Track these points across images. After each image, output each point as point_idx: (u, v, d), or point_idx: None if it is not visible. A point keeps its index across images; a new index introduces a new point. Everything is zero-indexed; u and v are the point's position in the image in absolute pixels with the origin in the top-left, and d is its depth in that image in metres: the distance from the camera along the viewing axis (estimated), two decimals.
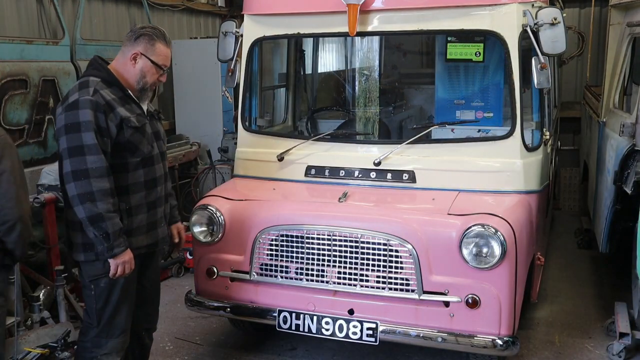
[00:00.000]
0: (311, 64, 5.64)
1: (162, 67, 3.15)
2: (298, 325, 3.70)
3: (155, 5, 7.08)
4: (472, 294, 3.40)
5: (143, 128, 3.08)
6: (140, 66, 3.06)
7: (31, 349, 4.16)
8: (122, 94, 3.04)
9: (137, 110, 3.10)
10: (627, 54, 4.97)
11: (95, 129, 2.87)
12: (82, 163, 2.85)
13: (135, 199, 3.07)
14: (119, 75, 3.07)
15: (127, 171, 3.04)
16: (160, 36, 3.10)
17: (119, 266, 2.96)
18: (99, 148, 2.87)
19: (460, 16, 3.88)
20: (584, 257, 6.23)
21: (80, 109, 2.87)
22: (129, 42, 3.08)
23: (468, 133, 4.44)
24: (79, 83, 3.02)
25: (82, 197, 2.85)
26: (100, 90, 2.95)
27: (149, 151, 3.12)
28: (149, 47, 3.06)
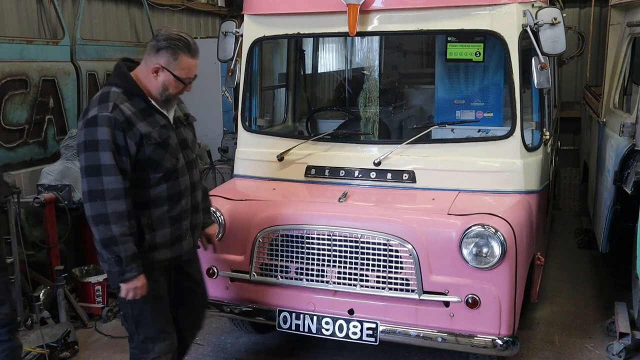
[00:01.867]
0: (311, 64, 5.64)
1: (185, 80, 2.97)
2: (298, 325, 3.70)
3: (155, 5, 7.08)
4: (472, 294, 3.39)
5: (166, 142, 2.94)
6: (162, 80, 2.90)
7: (31, 349, 4.16)
8: (144, 106, 2.92)
9: (162, 121, 2.96)
10: (627, 54, 4.97)
11: (113, 148, 2.77)
12: (99, 183, 2.77)
13: (157, 214, 2.97)
14: (142, 85, 2.93)
15: (148, 187, 2.93)
16: (184, 47, 2.91)
17: (129, 291, 2.88)
18: (116, 168, 2.78)
19: (460, 16, 3.88)
20: (584, 257, 6.23)
21: (98, 126, 2.77)
22: (151, 52, 2.89)
23: (468, 133, 4.44)
24: (100, 95, 2.89)
25: (96, 219, 2.79)
26: (120, 105, 2.83)
27: (173, 165, 2.98)
28: (171, 61, 2.88)
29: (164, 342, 3.09)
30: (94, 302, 4.99)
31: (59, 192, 4.89)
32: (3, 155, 4.90)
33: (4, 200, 4.19)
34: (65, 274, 4.73)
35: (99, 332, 4.78)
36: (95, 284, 4.98)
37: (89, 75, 5.72)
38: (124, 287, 2.88)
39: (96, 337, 4.71)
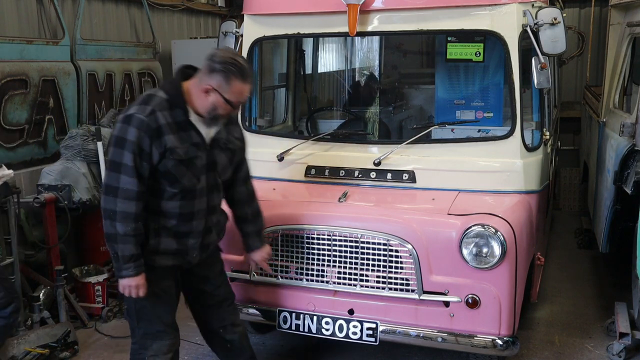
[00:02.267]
0: (311, 64, 5.63)
1: (234, 104, 2.93)
2: (298, 325, 3.70)
3: (155, 5, 7.08)
4: (472, 294, 3.39)
5: (191, 160, 2.93)
6: (212, 100, 2.88)
7: (31, 349, 4.17)
8: (182, 119, 2.91)
9: (195, 138, 2.95)
10: (627, 54, 4.97)
11: (137, 151, 2.81)
12: (116, 180, 2.83)
13: (165, 224, 3.00)
14: (190, 98, 2.92)
15: (161, 198, 2.96)
16: (237, 72, 2.85)
17: (125, 288, 2.94)
18: (135, 171, 2.82)
19: (460, 16, 3.88)
20: (584, 257, 6.23)
21: (130, 126, 2.81)
22: (205, 71, 2.87)
23: (468, 133, 4.44)
24: (146, 96, 2.92)
25: (105, 212, 2.87)
26: (158, 112, 2.84)
27: (192, 184, 2.97)
28: (223, 84, 2.84)
29: (162, 340, 3.11)
30: (94, 302, 4.99)
31: (59, 192, 4.89)
32: (3, 155, 4.89)
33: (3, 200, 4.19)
34: (65, 274, 4.73)
35: (99, 332, 4.78)
36: (95, 284, 4.98)
37: (89, 75, 5.72)
38: (120, 283, 2.95)
39: (96, 337, 4.71)
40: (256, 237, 3.43)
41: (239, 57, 2.94)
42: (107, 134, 5.30)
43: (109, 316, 4.96)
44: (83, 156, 5.13)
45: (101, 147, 5.14)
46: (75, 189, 4.98)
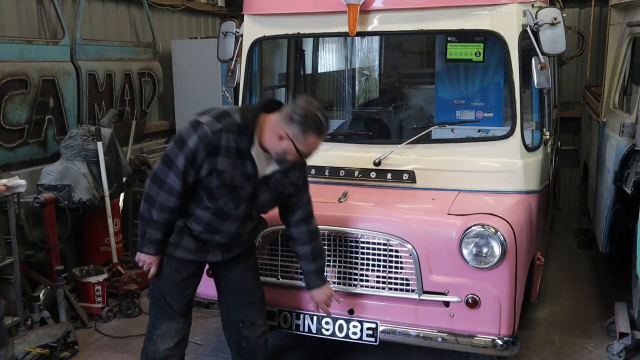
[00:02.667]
0: (311, 64, 5.64)
1: (305, 155, 2.99)
2: (298, 325, 3.70)
3: (155, 5, 7.08)
4: (472, 294, 3.39)
5: (235, 188, 3.00)
6: (284, 146, 2.92)
7: (31, 349, 4.16)
8: (244, 148, 2.96)
9: (248, 169, 3.00)
10: (627, 54, 4.97)
11: (190, 159, 2.90)
12: (164, 174, 2.95)
13: (191, 225, 3.13)
14: (261, 132, 2.96)
15: (196, 205, 3.07)
16: (316, 127, 2.89)
17: (141, 261, 3.17)
18: (182, 174, 2.92)
19: (460, 16, 3.88)
20: (584, 257, 6.23)
21: (195, 133, 2.89)
22: (285, 118, 2.90)
23: (468, 133, 4.44)
24: (223, 111, 2.98)
25: (146, 197, 3.03)
26: (225, 133, 2.90)
27: (229, 209, 3.06)
28: (299, 136, 2.88)
29: (170, 322, 3.25)
30: (94, 302, 4.98)
31: (59, 192, 4.89)
32: (3, 155, 4.89)
33: (3, 200, 4.19)
34: (65, 274, 4.72)
35: (99, 332, 4.78)
36: (95, 284, 4.98)
37: (89, 75, 5.72)
38: (138, 255, 3.18)
39: (96, 337, 4.71)
40: (316, 275, 3.44)
41: (320, 111, 2.95)
42: (107, 134, 5.30)
43: (109, 316, 4.96)
44: (83, 156, 5.13)
45: (101, 147, 5.14)
46: (75, 189, 4.98)
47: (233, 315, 3.47)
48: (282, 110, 2.97)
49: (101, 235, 5.43)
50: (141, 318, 4.97)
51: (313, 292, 3.47)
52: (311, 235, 3.38)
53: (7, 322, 4.22)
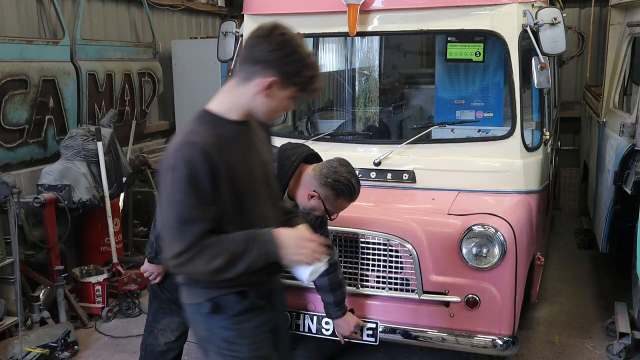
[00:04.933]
0: None
1: (332, 215, 3.02)
2: (298, 325, 3.70)
3: (155, 5, 7.08)
4: (472, 294, 3.39)
5: None
6: (313, 204, 2.95)
7: (31, 349, 4.16)
8: None
9: None
10: (627, 54, 4.97)
11: None
12: None
13: None
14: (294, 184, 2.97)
15: None
16: (348, 194, 2.93)
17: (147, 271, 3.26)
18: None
19: (460, 16, 3.88)
20: (584, 257, 6.23)
21: None
22: (317, 178, 2.90)
23: (468, 133, 4.44)
24: None
25: None
26: None
27: None
28: (330, 198, 2.92)
29: (172, 317, 3.30)
30: (94, 302, 4.98)
31: (59, 192, 4.88)
32: (3, 156, 4.89)
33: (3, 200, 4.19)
34: (65, 274, 4.73)
35: (99, 332, 4.78)
36: (95, 284, 4.98)
37: (89, 75, 5.72)
38: (147, 265, 3.25)
39: (96, 337, 4.71)
40: (335, 307, 3.45)
41: (353, 176, 2.97)
42: (107, 134, 5.30)
43: (109, 316, 4.96)
44: (83, 156, 5.13)
45: (101, 147, 5.14)
46: (75, 189, 4.98)
47: None
48: (317, 168, 2.94)
49: (101, 235, 5.43)
50: (141, 318, 4.96)
51: (335, 322, 3.49)
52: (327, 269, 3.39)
53: (7, 322, 4.23)
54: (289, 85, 2.15)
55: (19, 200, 4.33)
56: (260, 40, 2.11)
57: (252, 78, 2.13)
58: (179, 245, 2.08)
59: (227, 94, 2.24)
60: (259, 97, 2.15)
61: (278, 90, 2.14)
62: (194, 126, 2.18)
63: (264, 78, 2.11)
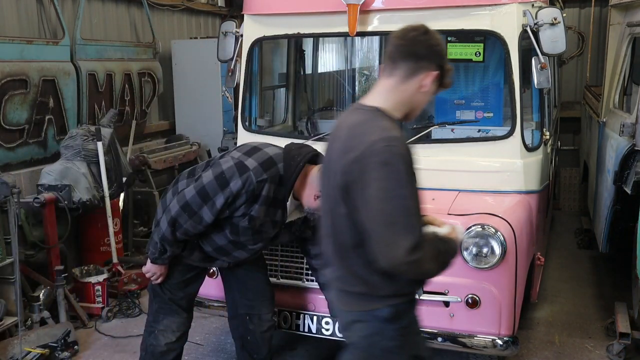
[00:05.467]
0: (311, 64, 5.63)
1: None
2: (298, 325, 3.70)
3: (155, 5, 7.08)
4: (472, 294, 3.39)
5: (260, 231, 3.09)
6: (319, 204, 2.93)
7: (31, 349, 4.17)
8: (280, 198, 3.03)
9: (278, 217, 3.08)
10: (627, 54, 4.97)
11: (230, 201, 2.94)
12: (198, 206, 2.97)
13: (203, 245, 3.20)
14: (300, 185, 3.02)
15: (215, 231, 3.11)
16: None
17: (150, 271, 3.22)
18: (216, 212, 2.96)
19: (460, 16, 3.88)
20: (584, 257, 6.23)
21: (239, 178, 2.92)
22: None
23: (468, 133, 4.44)
24: (269, 160, 2.98)
25: (172, 221, 3.01)
26: (267, 184, 2.95)
27: (247, 243, 3.16)
28: None
29: (173, 317, 3.31)
30: (94, 302, 4.98)
31: (59, 192, 4.88)
32: (3, 156, 4.89)
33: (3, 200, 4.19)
34: (65, 274, 4.73)
35: (99, 332, 4.78)
36: (95, 284, 4.98)
37: (89, 75, 5.71)
38: (150, 266, 3.21)
39: (96, 337, 4.71)
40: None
41: None
42: (107, 134, 5.30)
43: (109, 316, 4.96)
44: (83, 156, 5.13)
45: (101, 147, 5.14)
46: (75, 189, 4.98)
47: (240, 308, 3.50)
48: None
49: (101, 235, 5.43)
50: (141, 318, 4.97)
51: None
52: None
53: (7, 322, 4.23)
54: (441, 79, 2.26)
55: (19, 200, 4.33)
56: (421, 36, 2.21)
57: (417, 74, 2.21)
58: (410, 240, 2.03)
59: (390, 92, 2.25)
60: (421, 92, 2.24)
61: (434, 84, 2.24)
62: (382, 123, 2.19)
63: (429, 72, 2.20)
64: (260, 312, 3.49)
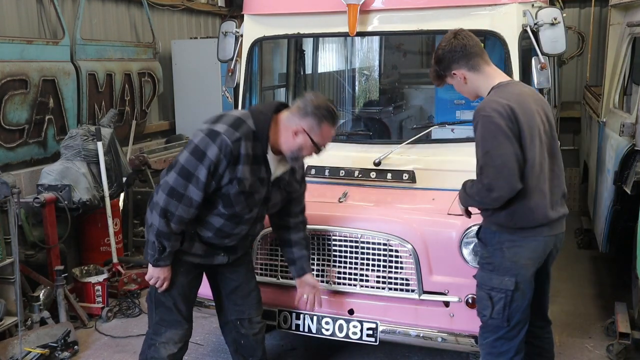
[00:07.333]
0: (311, 64, 5.63)
1: (320, 146, 3.05)
2: (298, 325, 3.70)
3: (155, 5, 7.08)
4: (472, 294, 3.38)
5: (251, 193, 3.04)
6: (300, 141, 2.99)
7: (31, 349, 4.17)
8: (260, 154, 3.01)
9: (263, 174, 3.05)
10: (627, 54, 4.97)
11: (212, 170, 2.90)
12: (183, 187, 2.92)
13: (202, 232, 3.15)
14: (275, 134, 3.01)
15: (210, 211, 3.07)
16: (330, 117, 3.00)
17: (153, 277, 3.12)
18: (204, 186, 2.92)
19: (460, 16, 3.88)
20: (584, 257, 6.23)
21: (214, 144, 2.88)
22: (297, 113, 2.99)
23: (468, 133, 4.43)
24: (238, 119, 2.98)
25: (163, 212, 2.95)
26: (244, 141, 2.92)
27: (243, 213, 3.10)
28: (314, 127, 2.97)
29: (175, 329, 3.24)
30: (94, 302, 4.99)
31: (59, 192, 4.88)
32: (3, 155, 4.89)
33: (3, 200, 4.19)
34: (65, 274, 4.73)
35: (99, 332, 4.78)
36: (95, 284, 4.98)
37: (89, 75, 5.72)
38: (152, 271, 3.11)
39: (96, 337, 4.71)
40: (308, 261, 3.51)
41: (330, 102, 3.06)
42: (107, 134, 5.30)
43: (109, 316, 4.96)
44: (83, 156, 5.13)
45: (101, 147, 5.14)
46: (75, 189, 4.98)
47: (230, 314, 3.48)
48: (292, 107, 3.03)
49: (101, 235, 5.43)
50: (141, 318, 4.97)
51: (306, 277, 3.49)
52: (304, 224, 3.49)
53: (7, 322, 4.23)
54: None
55: (19, 200, 4.33)
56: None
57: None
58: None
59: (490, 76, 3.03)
60: None
61: None
62: None
63: None
64: (250, 316, 3.47)
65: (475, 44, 2.99)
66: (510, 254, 2.90)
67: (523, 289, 2.91)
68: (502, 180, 2.78)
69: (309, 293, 3.51)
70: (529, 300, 2.96)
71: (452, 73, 3.02)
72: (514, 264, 2.89)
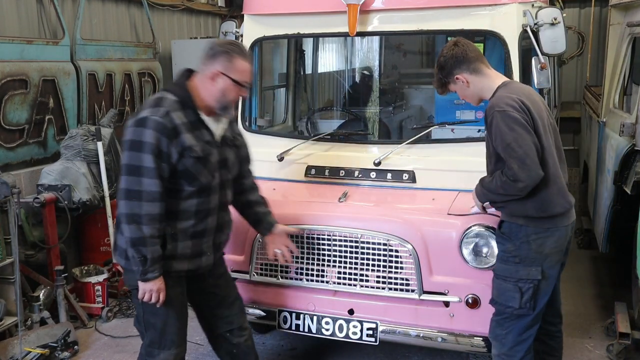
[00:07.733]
0: (311, 64, 5.64)
1: (243, 84, 2.94)
2: (298, 325, 3.70)
3: (155, 5, 7.09)
4: (472, 294, 3.39)
5: (206, 158, 2.95)
6: (220, 86, 2.90)
7: (31, 349, 4.17)
8: (194, 118, 2.94)
9: (207, 136, 2.97)
10: (627, 54, 4.97)
11: (157, 153, 2.80)
12: (137, 184, 2.81)
13: (182, 226, 2.99)
14: (197, 95, 2.95)
15: (179, 198, 2.95)
16: (239, 51, 2.92)
17: (147, 292, 2.92)
18: (156, 172, 2.81)
19: (460, 16, 3.88)
20: (584, 257, 6.23)
21: (146, 128, 2.80)
22: (207, 60, 2.92)
23: (468, 133, 4.44)
24: (156, 98, 2.93)
25: (129, 218, 2.83)
26: (172, 113, 2.85)
27: (208, 181, 2.99)
28: (228, 65, 2.88)
29: (169, 350, 3.08)
30: (94, 302, 4.99)
31: (59, 192, 4.89)
32: (3, 155, 4.89)
33: (3, 200, 4.19)
34: (65, 274, 4.73)
35: (99, 332, 4.78)
36: (95, 284, 4.98)
37: (89, 75, 5.72)
38: (143, 287, 2.91)
39: (96, 337, 4.71)
40: (271, 215, 3.45)
41: (235, 41, 3.03)
42: (107, 134, 5.31)
43: (109, 316, 4.97)
44: (83, 156, 5.13)
45: (101, 147, 5.14)
46: (75, 189, 4.98)
47: (219, 327, 3.38)
48: (200, 63, 2.96)
49: (101, 235, 5.43)
50: None
51: (277, 227, 3.44)
52: (257, 185, 3.47)
53: (7, 322, 4.23)
54: None
55: (19, 200, 4.33)
56: None
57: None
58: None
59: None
60: None
61: None
62: None
63: None
64: (240, 324, 3.40)
65: (475, 50, 3.14)
66: (536, 245, 3.03)
67: (548, 276, 3.09)
68: (526, 169, 2.87)
69: (281, 246, 3.44)
70: (552, 286, 3.20)
71: (454, 78, 3.15)
72: (539, 255, 3.03)
